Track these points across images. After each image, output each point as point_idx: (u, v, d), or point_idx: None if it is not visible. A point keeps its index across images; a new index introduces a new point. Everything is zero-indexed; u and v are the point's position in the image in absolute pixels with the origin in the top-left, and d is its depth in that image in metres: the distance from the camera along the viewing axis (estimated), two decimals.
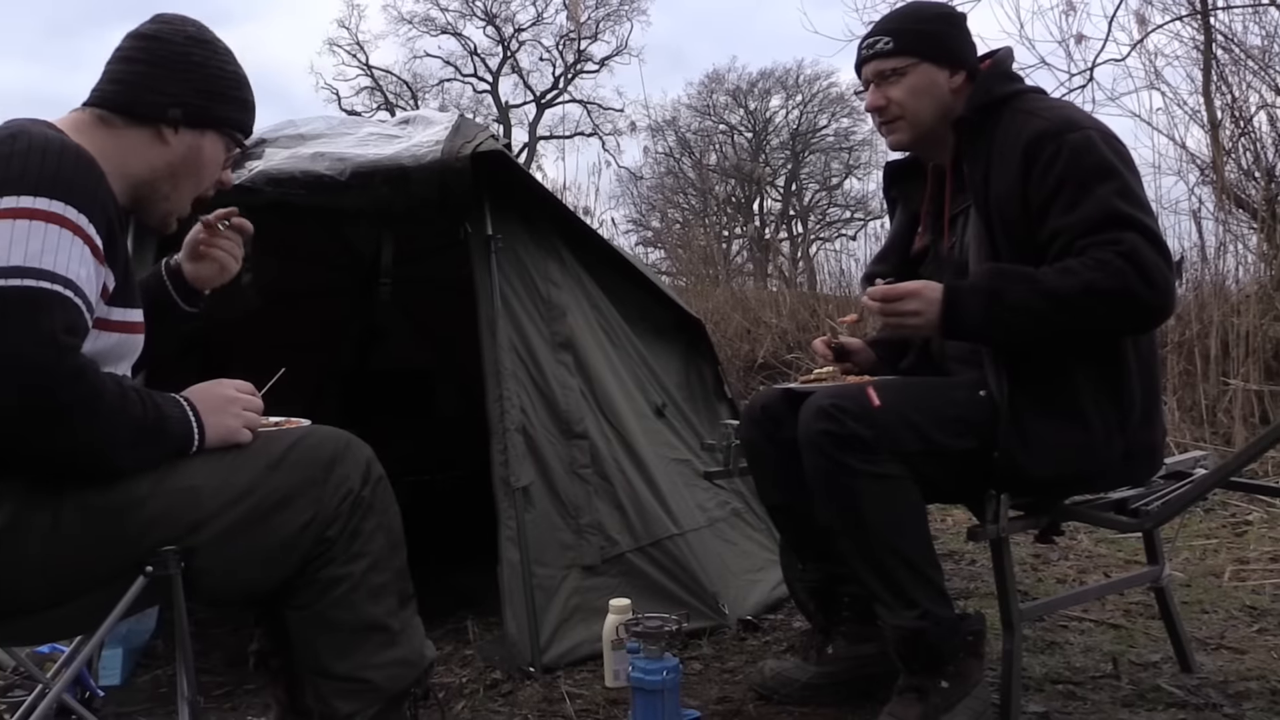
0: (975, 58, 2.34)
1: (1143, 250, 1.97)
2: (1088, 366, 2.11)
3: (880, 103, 2.30)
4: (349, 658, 1.73)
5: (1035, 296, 2.01)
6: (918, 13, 2.38)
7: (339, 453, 1.73)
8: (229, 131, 1.83)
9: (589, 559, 2.85)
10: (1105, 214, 2.01)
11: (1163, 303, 2.03)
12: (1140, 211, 2.04)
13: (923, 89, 2.27)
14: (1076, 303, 1.98)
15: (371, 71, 29.71)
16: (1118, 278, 1.96)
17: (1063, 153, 2.07)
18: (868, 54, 2.32)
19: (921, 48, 2.28)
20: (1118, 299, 1.98)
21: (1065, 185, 2.05)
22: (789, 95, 28.14)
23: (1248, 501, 4.49)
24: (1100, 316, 2.01)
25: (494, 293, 2.85)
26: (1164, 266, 2.00)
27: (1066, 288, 1.98)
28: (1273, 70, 7.23)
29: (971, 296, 2.06)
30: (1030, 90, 2.30)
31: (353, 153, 2.78)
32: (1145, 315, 2.06)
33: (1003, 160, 2.15)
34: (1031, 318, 2.02)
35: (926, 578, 2.10)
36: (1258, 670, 2.57)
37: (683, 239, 11.83)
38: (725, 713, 2.42)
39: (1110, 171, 2.06)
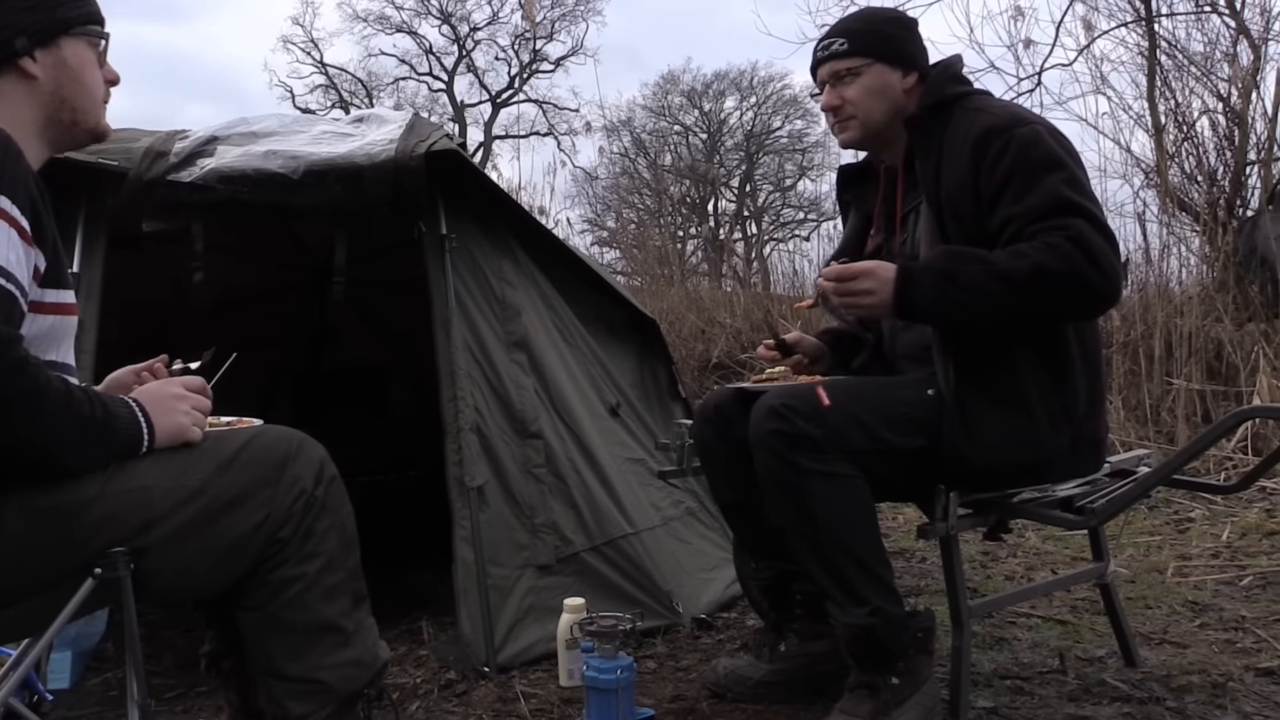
0: (927, 61, 2.38)
1: (1090, 236, 2.01)
2: (1033, 358, 2.14)
3: (835, 102, 2.35)
4: (302, 659, 1.72)
5: (987, 277, 2.04)
6: (872, 16, 2.45)
7: (291, 452, 1.72)
8: (80, 30, 1.72)
9: (543, 558, 2.85)
10: (1054, 201, 2.05)
11: (1109, 287, 2.05)
12: (1087, 201, 2.08)
13: (876, 89, 2.32)
14: (1027, 284, 2.01)
15: (326, 69, 29.46)
16: (1067, 260, 2.00)
17: (1011, 146, 2.11)
18: (823, 55, 2.37)
19: (875, 49, 2.33)
20: (1067, 281, 2.01)
21: (1015, 176, 2.09)
22: (743, 97, 28.30)
23: (1190, 499, 4.58)
24: (1049, 298, 2.04)
25: (448, 292, 2.84)
26: (1111, 253, 2.04)
27: (1018, 269, 2.02)
28: (1214, 76, 7.38)
29: (924, 276, 2.08)
30: (978, 92, 2.35)
31: (306, 151, 2.76)
32: (1093, 299, 2.08)
33: (953, 156, 2.19)
34: (983, 298, 2.05)
35: (877, 575, 2.12)
36: (1199, 664, 2.62)
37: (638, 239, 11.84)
38: (679, 711, 2.42)
39: (1058, 162, 2.10)
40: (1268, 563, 3.65)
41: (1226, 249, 6.33)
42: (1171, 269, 6.67)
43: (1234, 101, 7.18)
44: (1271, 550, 3.82)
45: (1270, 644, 2.78)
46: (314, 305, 4.90)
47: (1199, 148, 7.18)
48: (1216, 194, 6.97)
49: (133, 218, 2.73)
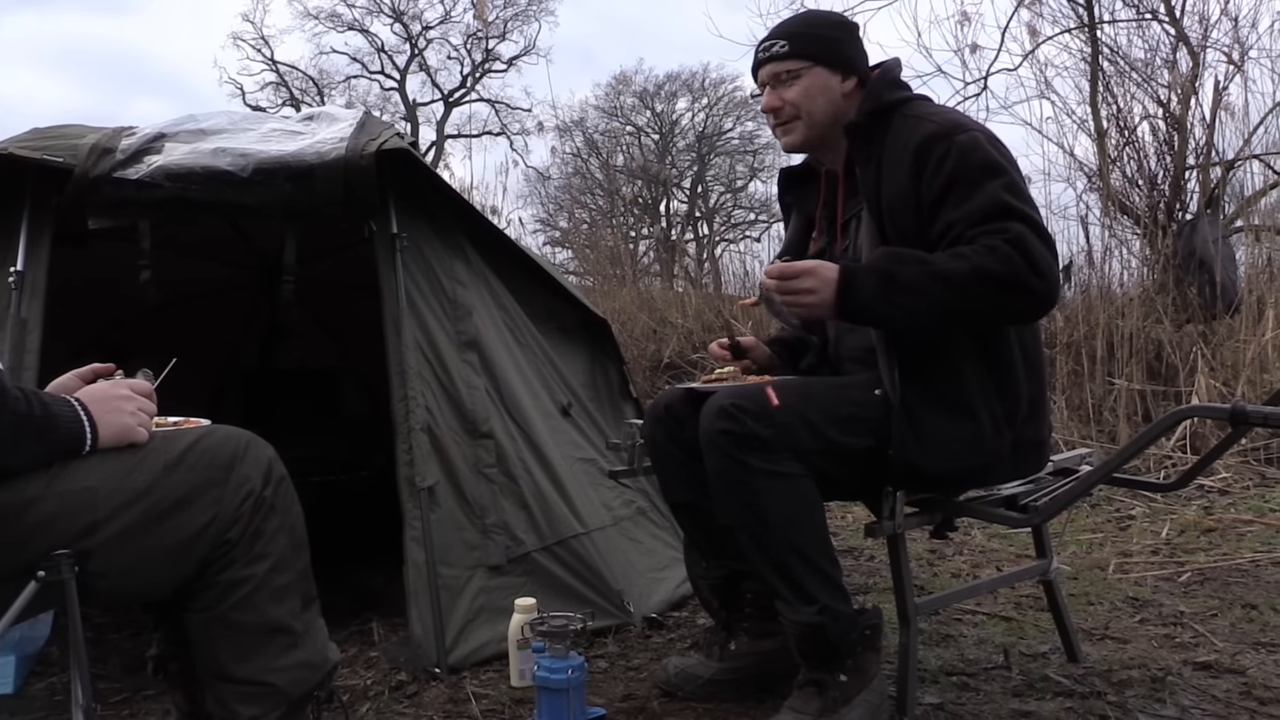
0: (867, 65, 2.40)
1: (1030, 240, 2.03)
2: (976, 364, 2.17)
3: (776, 104, 2.37)
4: (251, 661, 1.71)
5: (927, 279, 2.04)
6: (812, 19, 2.47)
7: (239, 452, 1.71)
8: None
9: (494, 559, 2.84)
10: (994, 206, 2.07)
11: (1048, 291, 2.07)
12: (1027, 206, 2.10)
13: (816, 91, 2.34)
14: (967, 285, 2.03)
15: (277, 67, 29.15)
16: (1007, 263, 2.01)
17: (952, 153, 2.13)
18: (764, 57, 2.38)
19: (815, 52, 2.34)
20: (1006, 283, 2.02)
21: (956, 183, 2.11)
22: (695, 98, 28.41)
23: (1131, 497, 4.67)
24: (988, 301, 2.05)
25: (399, 291, 2.83)
26: (1050, 258, 2.06)
27: (958, 271, 2.03)
28: (1155, 82, 7.52)
29: (866, 276, 2.09)
30: (917, 97, 2.37)
31: (255, 149, 2.73)
32: (1031, 302, 2.09)
33: (893, 163, 2.21)
34: (923, 299, 2.05)
35: (825, 574, 2.14)
36: (1139, 659, 2.67)
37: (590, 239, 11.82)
38: (630, 710, 2.43)
39: (998, 169, 2.12)
40: (1205, 559, 3.73)
41: (1166, 252, 6.45)
42: (1113, 271, 6.78)
43: (1174, 107, 7.32)
44: (1209, 547, 3.91)
45: (1208, 638, 2.84)
46: (263, 304, 4.86)
47: (1140, 152, 7.31)
48: (1157, 198, 7.10)
49: (78, 215, 2.69)
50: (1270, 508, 4.42)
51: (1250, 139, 7.26)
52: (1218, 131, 7.23)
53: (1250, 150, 7.33)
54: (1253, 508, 4.44)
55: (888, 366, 2.17)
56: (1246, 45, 7.36)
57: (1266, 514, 4.32)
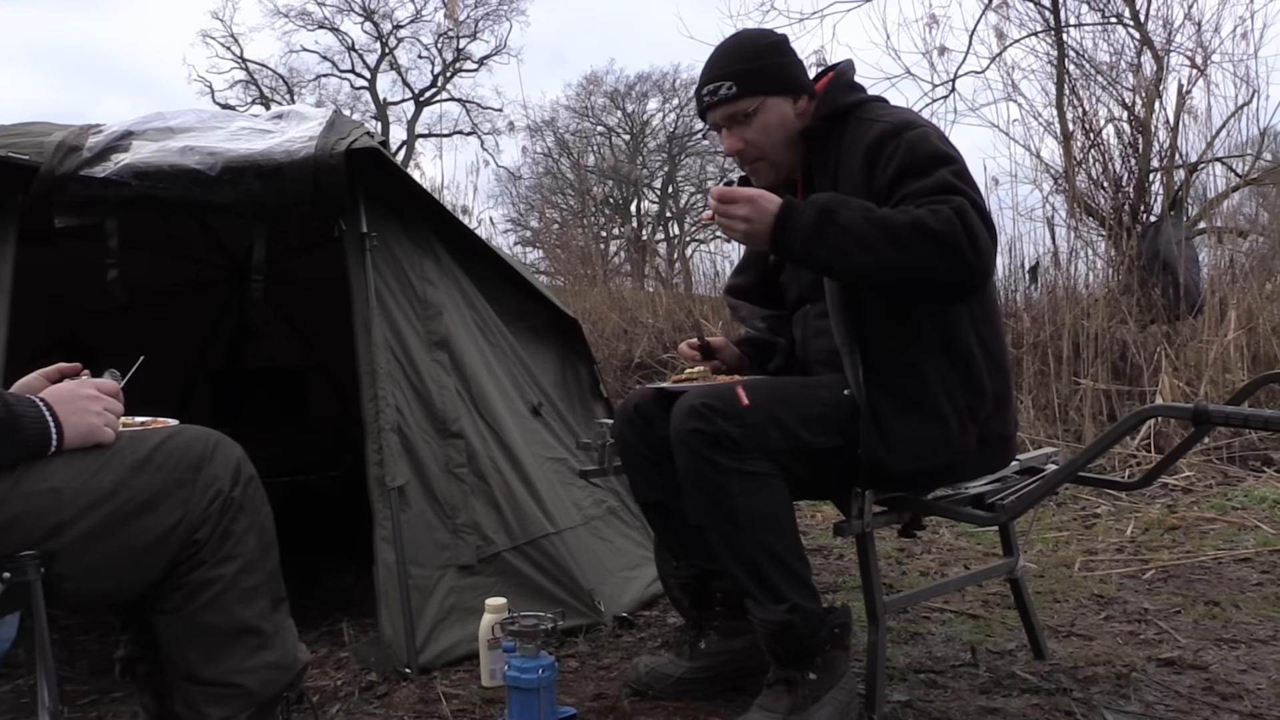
0: (809, 78, 2.40)
1: (971, 215, 2.02)
2: (939, 362, 2.19)
3: (739, 146, 2.35)
4: (219, 662, 1.70)
5: (866, 223, 2.03)
6: (747, 49, 2.39)
7: (208, 452, 1.70)
8: None
9: (465, 559, 2.84)
10: (941, 185, 2.07)
11: (980, 264, 2.04)
12: (973, 191, 2.09)
13: (775, 124, 2.33)
14: (902, 235, 2.01)
15: (246, 65, 28.94)
16: (946, 224, 1.99)
17: (901, 147, 2.15)
18: (712, 101, 2.34)
19: (763, 84, 2.32)
20: (941, 243, 1.99)
21: (906, 174, 2.12)
22: (665, 98, 28.46)
23: (1096, 495, 4.72)
24: (921, 258, 2.02)
25: (369, 291, 2.82)
26: (987, 238, 2.04)
27: (896, 220, 2.02)
28: (1120, 85, 7.61)
29: (806, 210, 2.08)
30: (872, 99, 2.38)
31: (224, 147, 2.72)
32: (962, 272, 2.04)
33: (849, 165, 2.23)
34: (857, 242, 2.03)
35: (794, 573, 2.15)
36: (1104, 656, 2.70)
37: (561, 239, 11.80)
38: (601, 709, 2.43)
39: (946, 158, 2.13)
40: (1169, 557, 3.78)
41: (1131, 253, 6.53)
42: (1079, 272, 6.86)
43: (1138, 110, 7.41)
44: (1173, 545, 3.96)
45: (1171, 635, 2.88)
46: (233, 303, 4.83)
47: (1105, 155, 7.40)
48: (1121, 200, 7.19)
49: (44, 213, 2.67)
50: (1232, 506, 4.48)
51: (1213, 142, 7.37)
52: (1181, 134, 7.34)
53: (1213, 153, 7.43)
54: (1215, 506, 4.50)
55: (852, 367, 2.18)
56: (1209, 49, 7.46)
57: (1229, 512, 4.38)
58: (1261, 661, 2.64)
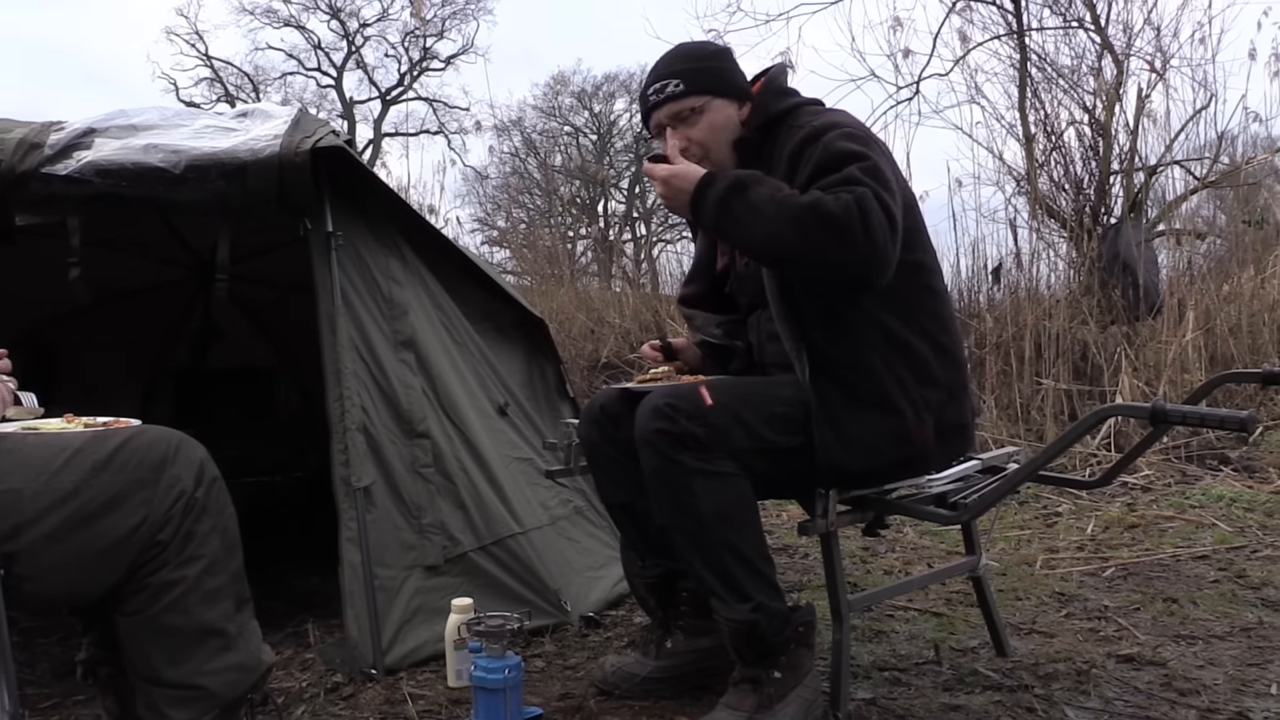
0: (750, 86, 2.42)
1: (871, 205, 2.02)
2: (886, 355, 2.21)
3: (683, 144, 2.34)
4: (183, 664, 1.70)
5: (770, 202, 2.07)
6: (695, 53, 2.43)
7: (170, 453, 1.70)
8: None
9: (431, 559, 2.83)
10: (847, 178, 2.07)
11: (874, 254, 2.04)
12: (880, 185, 2.08)
13: (720, 124, 2.35)
14: (800, 215, 2.03)
15: (211, 62, 28.68)
16: (843, 210, 2.00)
17: (819, 148, 2.17)
18: (658, 99, 2.36)
19: (710, 85, 2.35)
20: (836, 227, 2.00)
21: (821, 171, 2.13)
22: (633, 99, 28.41)
23: (1058, 494, 4.77)
24: (815, 241, 2.04)
25: (334, 290, 2.80)
26: (886, 229, 2.04)
27: (798, 200, 2.05)
28: (1081, 89, 7.71)
29: (719, 180, 2.15)
30: (805, 104, 2.39)
31: (188, 145, 2.69)
32: (853, 257, 2.04)
33: (777, 173, 2.23)
34: (759, 217, 2.08)
35: (759, 572, 2.16)
36: (1065, 653, 2.73)
37: (528, 239, 11.78)
38: (567, 709, 2.44)
39: (858, 156, 2.12)
40: (1129, 554, 3.83)
41: (1091, 255, 6.61)
42: (1041, 273, 6.94)
43: (1099, 114, 7.51)
44: (1132, 542, 4.02)
45: (1131, 632, 2.92)
46: (197, 303, 4.78)
47: (1066, 157, 7.50)
48: (1083, 202, 7.28)
49: (4, 211, 2.64)
50: (1190, 504, 4.54)
51: (1172, 145, 7.49)
52: (1141, 138, 7.46)
53: (1171, 156, 7.55)
54: (1174, 504, 4.56)
55: (800, 367, 2.20)
56: (1168, 54, 7.58)
57: (1187, 510, 4.44)
58: (1218, 657, 2.69)
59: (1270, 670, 2.58)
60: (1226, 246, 7.53)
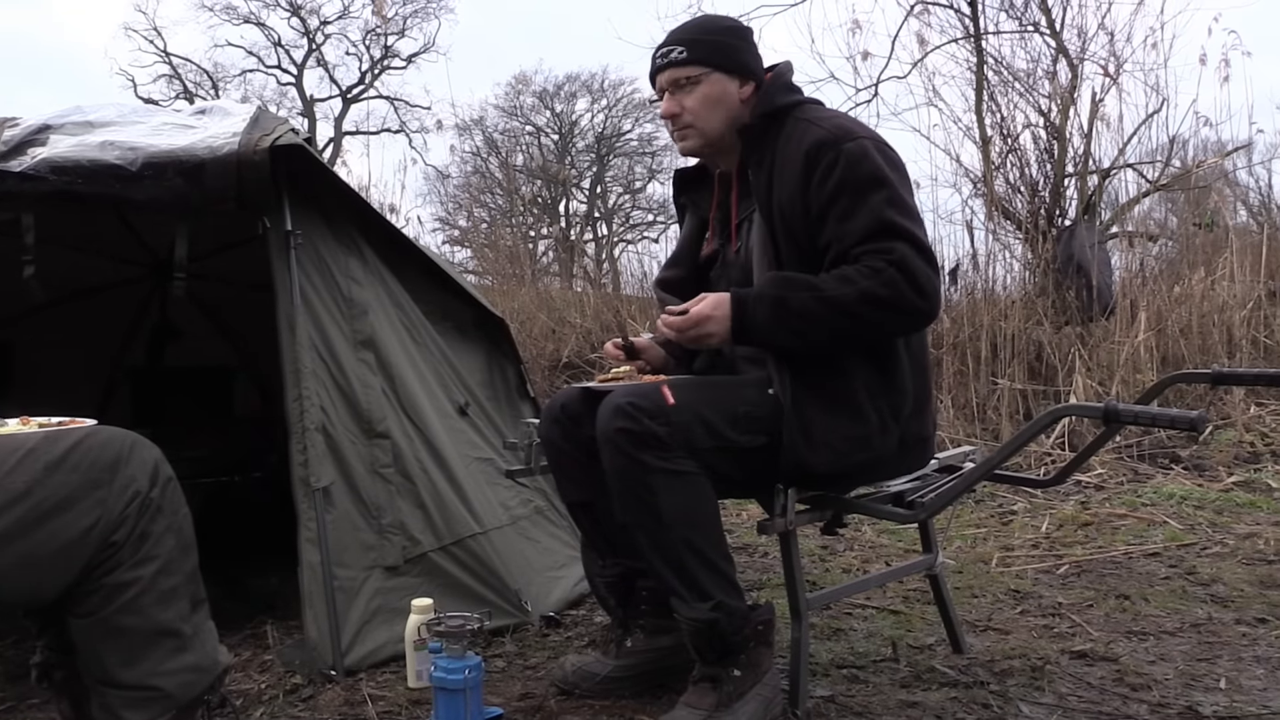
0: (763, 69, 2.44)
1: (912, 260, 2.12)
2: (864, 364, 2.24)
3: (675, 110, 2.39)
4: (138, 665, 1.68)
5: (817, 304, 2.14)
6: (708, 24, 2.47)
7: (124, 453, 1.68)
8: None
9: (391, 559, 2.82)
10: (878, 224, 2.15)
11: (931, 307, 2.18)
12: (910, 221, 2.18)
13: (715, 98, 2.37)
14: (854, 309, 2.12)
15: (170, 59, 28.32)
16: (891, 286, 2.11)
17: (840, 161, 2.19)
18: (662, 63, 2.40)
19: (714, 58, 2.37)
20: (892, 305, 2.12)
21: (842, 193, 2.18)
22: (594, 99, 28.50)
23: (1013, 493, 4.83)
24: (876, 322, 2.16)
25: (293, 289, 2.79)
26: (932, 275, 2.16)
27: (845, 295, 2.12)
28: (1036, 92, 7.80)
29: (758, 306, 2.18)
30: (809, 101, 2.42)
31: (145, 142, 2.66)
32: (916, 319, 2.21)
33: (785, 167, 2.26)
34: (813, 322, 2.15)
35: (719, 571, 2.17)
36: (1020, 649, 2.77)
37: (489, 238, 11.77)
38: (527, 709, 2.43)
39: (882, 181, 2.19)
40: (1082, 552, 3.89)
41: (1046, 256, 6.70)
42: (996, 274, 7.02)
43: (1054, 117, 7.60)
44: (1086, 540, 4.08)
45: (1084, 628, 2.96)
46: (154, 301, 4.73)
47: (1022, 160, 7.58)
48: (1038, 204, 7.36)
49: None
50: (1142, 502, 4.62)
51: (1125, 149, 7.60)
52: (1095, 141, 7.56)
53: (1124, 159, 7.67)
54: (1126, 502, 4.64)
55: (777, 368, 2.22)
56: (1122, 58, 7.69)
57: (1139, 508, 4.52)
58: (1169, 653, 2.73)
59: (1219, 665, 2.63)
60: (1178, 249, 7.66)
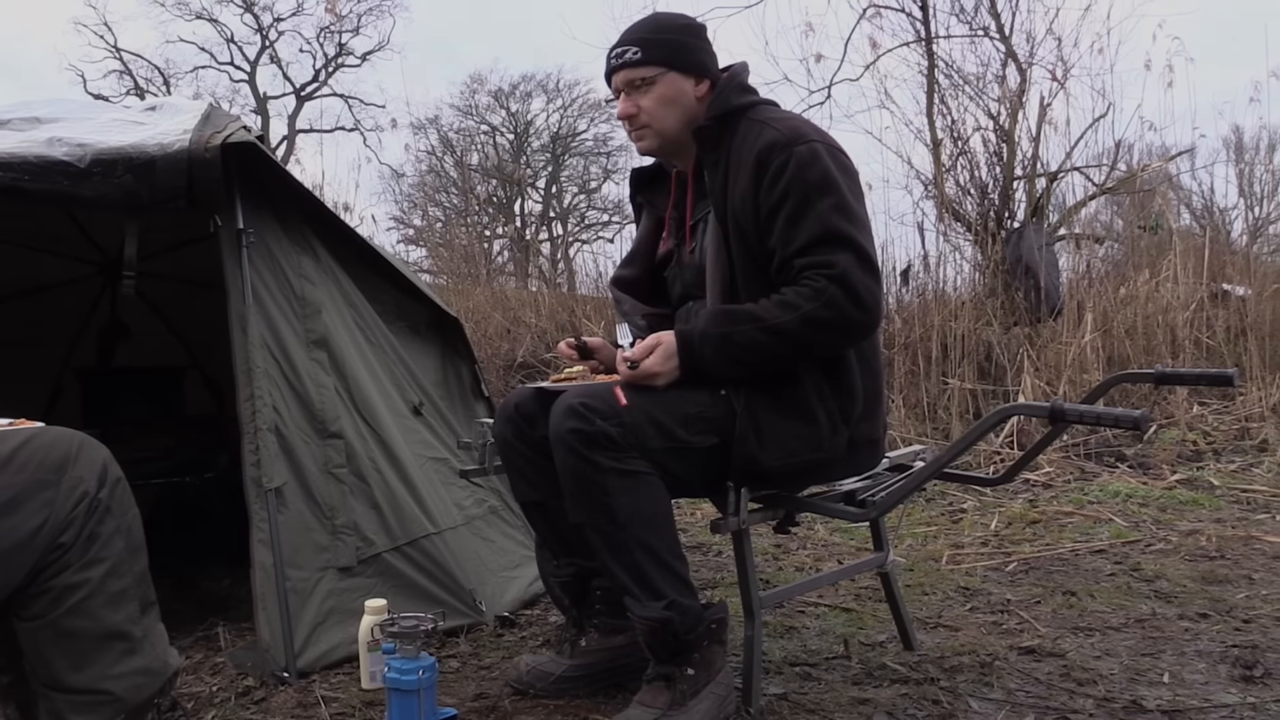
0: (718, 68, 2.45)
1: (853, 273, 2.15)
2: (814, 369, 2.26)
3: (631, 110, 2.39)
4: (86, 669, 1.67)
5: (761, 334, 2.17)
6: (663, 23, 2.47)
7: (72, 453, 1.66)
8: None
9: (345, 560, 2.81)
10: (824, 231, 2.17)
11: (872, 320, 2.23)
12: (855, 228, 2.20)
13: (671, 97, 2.38)
14: (798, 334, 2.16)
15: (120, 54, 27.86)
16: (833, 307, 2.14)
17: (791, 163, 2.21)
18: (617, 63, 2.40)
19: (668, 57, 2.37)
20: (833, 325, 2.17)
21: (789, 196, 2.20)
22: (550, 99, 28.45)
23: (963, 491, 4.90)
24: (822, 343, 2.21)
25: (245, 288, 2.76)
26: (873, 286, 2.19)
27: (787, 322, 2.16)
28: (986, 96, 7.92)
29: (704, 344, 2.20)
30: (764, 102, 2.44)
31: (93, 139, 2.63)
32: (859, 333, 2.25)
33: (739, 168, 2.28)
34: (760, 352, 2.18)
35: (672, 570, 2.18)
36: (969, 646, 2.80)
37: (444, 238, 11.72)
38: (482, 709, 2.43)
39: (832, 186, 2.21)
40: (1030, 549, 3.95)
41: (996, 258, 6.80)
42: (947, 276, 7.12)
43: (1003, 120, 7.72)
44: (1034, 538, 4.14)
45: (1032, 624, 3.01)
46: (103, 300, 4.67)
47: (972, 162, 7.70)
48: (987, 206, 7.48)
49: None
50: (1089, 500, 4.70)
51: (1072, 152, 7.74)
52: (1043, 144, 7.69)
53: (1071, 163, 7.81)
54: (1073, 500, 4.72)
55: None
56: (1069, 63, 7.82)
57: (1085, 506, 4.60)
58: (1114, 648, 2.78)
59: (1163, 660, 2.68)
60: (1123, 251, 7.81)
